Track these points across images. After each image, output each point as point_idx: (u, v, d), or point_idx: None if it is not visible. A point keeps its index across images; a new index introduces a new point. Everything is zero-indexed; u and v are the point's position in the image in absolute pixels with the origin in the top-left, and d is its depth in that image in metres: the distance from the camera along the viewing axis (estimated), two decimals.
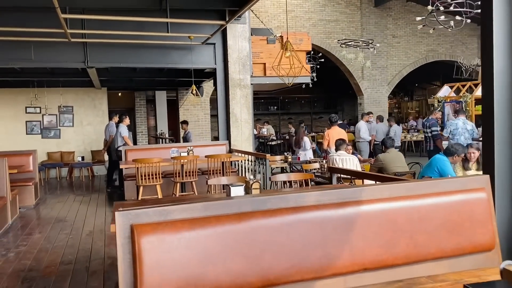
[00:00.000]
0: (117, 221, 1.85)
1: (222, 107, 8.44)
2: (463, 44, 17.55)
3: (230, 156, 7.05)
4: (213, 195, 3.70)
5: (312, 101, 24.86)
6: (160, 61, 8.17)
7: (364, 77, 15.79)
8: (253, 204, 2.03)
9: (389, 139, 6.23)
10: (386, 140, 6.18)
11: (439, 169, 5.10)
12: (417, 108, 23.84)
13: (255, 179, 3.27)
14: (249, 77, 8.39)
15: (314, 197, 2.13)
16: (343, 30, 15.51)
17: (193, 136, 11.30)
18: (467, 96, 10.04)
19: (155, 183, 6.51)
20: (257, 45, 8.79)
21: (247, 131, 8.40)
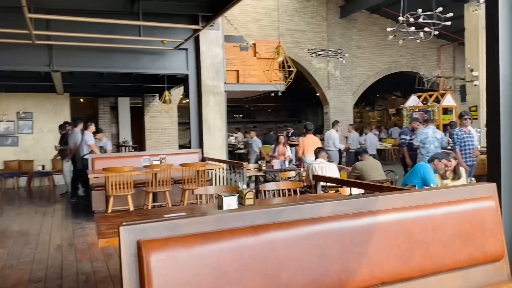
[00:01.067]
0: (122, 237, 1.65)
1: (195, 114, 8.23)
2: (424, 56, 18.15)
3: (205, 164, 6.85)
4: (200, 206, 3.51)
5: (277, 110, 24.98)
6: (130, 66, 7.87)
7: (330, 86, 15.99)
8: (268, 216, 1.88)
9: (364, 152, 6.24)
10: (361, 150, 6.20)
11: (422, 177, 5.13)
12: (379, 117, 24.45)
13: (248, 189, 3.12)
14: (223, 84, 8.24)
15: (329, 207, 2.01)
16: (310, 40, 15.66)
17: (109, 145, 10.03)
18: (435, 106, 10.33)
19: (127, 193, 6.21)
20: (230, 52, 8.67)
21: (220, 139, 8.22)
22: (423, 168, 5.20)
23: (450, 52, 18.84)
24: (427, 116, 9.26)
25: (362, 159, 6.12)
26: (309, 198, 3.68)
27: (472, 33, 11.00)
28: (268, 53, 8.96)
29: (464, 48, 18.81)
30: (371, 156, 6.22)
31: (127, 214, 3.09)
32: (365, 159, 6.08)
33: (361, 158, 6.13)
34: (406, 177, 5.43)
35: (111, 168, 6.08)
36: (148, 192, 6.47)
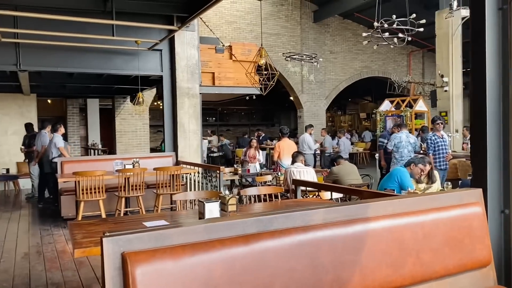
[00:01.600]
0: (105, 248, 1.53)
1: (169, 117, 8.06)
2: (394, 61, 18.52)
3: (180, 168, 6.70)
4: (180, 212, 3.39)
5: (251, 113, 24.94)
6: (103, 66, 7.64)
7: (304, 90, 16.07)
8: (259, 225, 1.80)
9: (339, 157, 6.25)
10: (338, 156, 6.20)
11: (399, 181, 5.15)
12: (350, 122, 24.79)
13: (231, 194, 3.03)
14: (198, 86, 8.11)
15: (321, 215, 1.95)
16: (284, 44, 15.71)
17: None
18: (408, 111, 10.52)
19: (98, 198, 6.00)
20: (205, 54, 8.54)
21: (195, 142, 8.08)
22: (399, 172, 5.24)
23: (420, 58, 19.31)
24: (399, 121, 9.41)
25: (338, 164, 6.11)
26: (290, 204, 3.62)
27: (443, 40, 11.27)
28: (245, 56, 8.90)
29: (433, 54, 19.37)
30: (346, 161, 6.21)
31: (103, 222, 2.94)
32: (341, 164, 6.08)
33: (337, 163, 6.12)
34: (383, 181, 5.46)
35: (82, 172, 5.85)
36: (120, 197, 6.26)
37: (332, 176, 6.03)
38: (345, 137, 13.24)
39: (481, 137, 2.44)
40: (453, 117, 11.15)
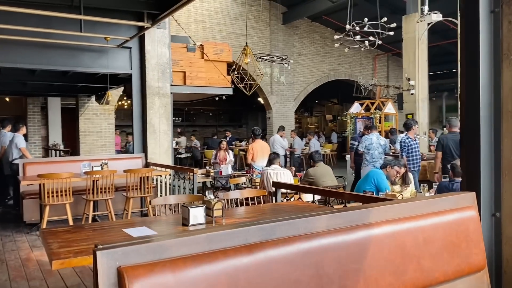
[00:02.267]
0: (99, 263, 1.37)
1: (138, 116, 7.79)
2: (361, 65, 18.84)
3: (152, 170, 6.47)
4: (160, 218, 3.22)
5: (218, 114, 24.73)
6: (68, 63, 7.28)
7: (273, 92, 16.06)
8: (262, 233, 1.69)
9: (317, 153, 6.22)
10: (314, 154, 6.16)
11: (375, 183, 5.17)
12: (316, 123, 25.04)
13: (216, 199, 2.89)
14: (169, 85, 7.88)
15: (324, 221, 1.85)
16: (253, 45, 15.62)
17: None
18: (377, 113, 10.68)
19: (65, 201, 5.70)
20: (176, 53, 8.34)
21: (166, 143, 7.85)
22: (376, 174, 5.26)
23: (385, 61, 19.74)
24: (370, 123, 9.52)
25: (314, 165, 6.07)
26: (280, 207, 3.52)
27: (410, 44, 11.53)
28: (217, 56, 8.76)
29: (397, 58, 19.84)
30: (322, 162, 6.19)
31: (79, 229, 2.73)
32: (317, 166, 6.05)
33: (313, 164, 6.08)
34: (360, 183, 5.46)
35: (48, 174, 5.53)
36: (88, 201, 5.98)
37: (308, 178, 5.98)
38: (315, 138, 13.30)
39: (474, 140, 2.43)
40: (419, 119, 11.41)
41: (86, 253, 2.17)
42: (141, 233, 2.60)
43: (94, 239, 2.49)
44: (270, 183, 5.59)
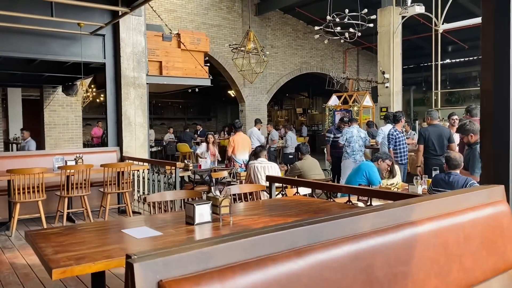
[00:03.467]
0: (137, 277, 1.13)
1: (112, 108, 7.39)
2: (332, 58, 18.88)
3: (130, 164, 6.13)
4: (156, 216, 2.95)
5: (187, 106, 24.25)
6: (36, 51, 6.79)
7: (246, 84, 15.82)
8: (309, 236, 1.48)
9: (304, 146, 6.06)
10: (302, 147, 5.99)
11: (367, 176, 5.06)
12: (286, 117, 25.01)
13: (224, 195, 2.66)
14: (145, 75, 7.51)
15: (369, 220, 1.67)
16: (225, 36, 15.34)
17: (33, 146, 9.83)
18: (356, 105, 10.66)
19: (37, 198, 5.29)
20: (152, 41, 7.95)
21: (142, 136, 7.49)
22: (368, 167, 5.15)
23: (355, 55, 19.87)
24: (348, 116, 9.48)
25: (301, 158, 5.91)
26: (289, 203, 3.32)
27: (384, 37, 11.57)
28: (194, 45, 8.44)
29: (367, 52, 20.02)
30: (309, 155, 6.04)
31: (72, 230, 2.43)
32: (304, 158, 5.89)
33: (301, 157, 5.92)
34: (351, 176, 5.34)
35: (18, 169, 5.11)
36: (63, 197, 5.59)
37: (295, 172, 5.82)
38: (291, 131, 13.19)
39: (504, 132, 2.31)
40: None
41: (89, 259, 1.91)
42: (144, 234, 2.35)
43: (92, 242, 2.22)
44: (257, 177, 5.40)
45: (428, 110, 6.98)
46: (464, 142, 4.78)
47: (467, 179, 4.12)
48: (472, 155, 4.65)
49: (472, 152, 4.69)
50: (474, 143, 4.71)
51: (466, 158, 4.69)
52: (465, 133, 4.75)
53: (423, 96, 20.72)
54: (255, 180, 5.39)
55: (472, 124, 4.76)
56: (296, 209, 2.92)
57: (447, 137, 6.55)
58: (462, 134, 4.76)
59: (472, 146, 4.74)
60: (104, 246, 2.12)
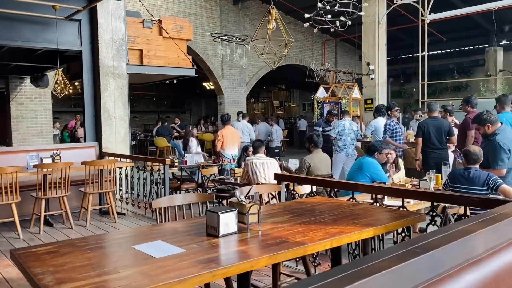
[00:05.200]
0: None
1: (90, 100, 6.80)
2: (310, 50, 18.59)
3: (114, 162, 5.60)
4: (164, 225, 2.50)
5: (160, 99, 23.50)
6: (4, 37, 6.12)
7: (225, 76, 15.33)
8: (432, 265, 1.10)
9: (319, 138, 5.52)
10: (316, 138, 5.43)
11: (370, 175, 4.71)
12: (263, 109, 24.64)
13: (251, 200, 2.25)
14: (125, 64, 6.96)
15: (483, 239, 1.30)
16: (202, 25, 14.77)
17: None
18: (345, 97, 10.38)
19: (10, 201, 4.72)
20: (131, 28, 7.37)
21: (123, 131, 6.94)
22: (369, 166, 4.76)
23: (333, 47, 19.66)
24: (337, 108, 9.19)
25: (312, 151, 5.39)
26: (307, 205, 2.93)
27: (369, 28, 11.32)
28: (177, 33, 7.91)
29: (345, 44, 19.86)
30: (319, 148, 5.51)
31: (70, 247, 1.96)
32: (315, 152, 5.39)
33: (313, 149, 5.38)
34: (352, 174, 4.98)
35: None
36: (39, 199, 5.02)
37: (305, 168, 5.30)
38: (277, 125, 12.82)
39: None
40: None
41: None
42: (163, 252, 1.91)
43: (101, 264, 1.77)
44: (256, 175, 5.00)
45: (428, 102, 6.75)
46: (480, 133, 4.50)
47: (489, 175, 3.84)
48: (491, 147, 4.37)
49: (490, 144, 4.42)
50: (491, 134, 4.44)
51: (485, 150, 4.42)
52: (482, 123, 4.46)
53: (400, 88, 20.77)
54: (254, 177, 4.99)
55: (490, 114, 4.49)
56: (328, 214, 2.54)
57: (447, 130, 6.33)
58: (479, 125, 4.46)
59: (489, 137, 4.47)
60: (120, 270, 1.67)
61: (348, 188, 3.27)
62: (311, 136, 5.40)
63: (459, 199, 2.66)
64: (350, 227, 2.24)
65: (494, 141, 4.37)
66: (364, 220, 2.39)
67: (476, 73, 18.37)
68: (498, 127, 4.47)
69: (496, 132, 4.42)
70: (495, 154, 4.32)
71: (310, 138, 5.38)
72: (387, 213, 2.53)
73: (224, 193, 5.90)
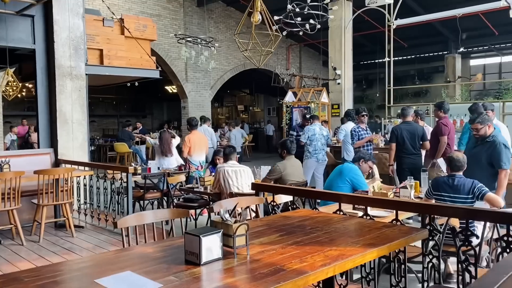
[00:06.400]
0: None
1: (44, 103, 6.26)
2: (275, 54, 18.40)
3: (72, 170, 5.11)
4: (133, 248, 2.13)
5: (119, 103, 22.67)
6: None
7: (188, 79, 14.90)
8: None
9: (292, 143, 5.24)
10: (289, 144, 5.14)
11: (351, 181, 4.51)
12: (227, 114, 24.30)
13: (239, 219, 1.94)
14: (84, 65, 6.46)
15: None
16: (165, 27, 14.29)
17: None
18: (315, 102, 10.22)
19: None
20: (91, 26, 6.88)
21: (81, 136, 6.43)
22: (351, 171, 4.58)
23: (297, 52, 19.63)
24: (306, 112, 9.00)
25: (284, 157, 5.11)
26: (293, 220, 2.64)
27: (335, 32, 11.27)
28: (139, 32, 7.47)
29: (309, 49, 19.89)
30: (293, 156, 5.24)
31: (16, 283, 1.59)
32: (288, 159, 5.11)
33: (285, 155, 5.10)
34: (331, 180, 4.76)
35: None
36: None
37: (274, 174, 5.02)
38: (236, 129, 12.52)
39: None
40: (345, 109, 11.22)
41: None
42: (132, 285, 1.56)
43: None
44: (228, 183, 4.68)
45: (402, 107, 6.67)
46: (479, 134, 4.41)
47: (473, 183, 3.70)
48: (494, 148, 4.29)
49: (490, 145, 4.34)
50: (489, 136, 4.39)
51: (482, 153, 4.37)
52: (485, 123, 4.37)
53: (362, 94, 21.01)
54: (226, 186, 4.66)
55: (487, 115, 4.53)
56: (321, 231, 2.26)
57: (420, 135, 6.25)
58: (481, 124, 4.36)
59: (487, 139, 4.39)
60: None
61: (334, 199, 3.01)
62: (284, 142, 5.12)
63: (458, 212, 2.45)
64: (351, 248, 1.97)
65: (495, 142, 4.31)
66: (363, 238, 2.12)
67: (436, 79, 18.84)
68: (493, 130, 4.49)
69: (494, 134, 4.39)
70: (500, 154, 4.24)
71: (283, 144, 5.10)
72: (386, 229, 2.28)
73: (192, 203, 5.55)
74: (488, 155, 4.30)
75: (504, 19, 14.31)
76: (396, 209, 2.60)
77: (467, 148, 4.79)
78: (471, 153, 4.44)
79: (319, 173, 7.73)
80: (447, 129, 6.05)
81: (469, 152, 4.53)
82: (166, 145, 6.81)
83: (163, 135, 6.90)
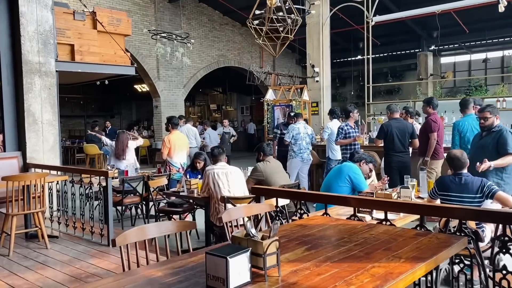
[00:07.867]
0: None
1: (10, 102, 5.75)
2: (249, 52, 18.18)
3: (45, 176, 4.66)
4: (136, 273, 1.80)
5: (86, 102, 21.82)
6: None
7: (161, 77, 14.40)
8: None
9: (268, 146, 5.12)
10: (265, 147, 5.03)
11: (352, 180, 4.29)
12: (199, 113, 23.83)
13: (271, 235, 1.64)
14: (54, 61, 5.98)
15: None
16: (136, 23, 13.72)
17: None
18: (297, 100, 9.98)
19: None
20: (60, 20, 6.39)
21: (52, 138, 5.94)
22: (351, 170, 4.37)
23: None
24: (288, 110, 8.76)
25: (263, 159, 4.96)
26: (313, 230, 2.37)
27: (313, 29, 11.08)
28: (113, 27, 7.02)
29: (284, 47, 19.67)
30: (272, 156, 5.12)
31: None
32: (267, 160, 4.96)
33: (263, 158, 4.95)
34: (329, 179, 4.53)
35: None
36: None
37: (256, 175, 4.84)
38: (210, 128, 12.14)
39: None
40: (323, 107, 11.07)
41: None
42: None
43: None
44: (219, 186, 4.36)
45: (389, 104, 6.53)
46: (486, 124, 4.44)
47: (482, 181, 3.53)
48: (500, 136, 4.32)
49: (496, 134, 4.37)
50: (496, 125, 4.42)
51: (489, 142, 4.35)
52: (494, 113, 4.43)
53: (336, 92, 20.99)
54: (216, 190, 4.33)
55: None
56: (350, 243, 1.99)
57: (410, 133, 6.11)
58: (491, 114, 4.42)
59: (493, 129, 4.41)
60: None
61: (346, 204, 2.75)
62: (260, 145, 5.09)
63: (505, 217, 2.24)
64: (395, 264, 1.70)
65: (501, 130, 4.38)
66: (402, 251, 1.87)
67: (408, 77, 19.02)
68: None
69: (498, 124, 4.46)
70: (506, 139, 4.27)
71: (259, 148, 5.08)
72: (422, 237, 2.03)
73: (175, 208, 5.21)
74: (495, 143, 4.33)
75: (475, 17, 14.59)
76: (422, 214, 2.36)
77: (473, 141, 4.77)
78: (478, 144, 4.49)
79: (304, 172, 7.52)
80: (437, 126, 5.93)
81: (475, 144, 4.59)
82: (120, 147, 6.43)
83: (121, 136, 6.50)
